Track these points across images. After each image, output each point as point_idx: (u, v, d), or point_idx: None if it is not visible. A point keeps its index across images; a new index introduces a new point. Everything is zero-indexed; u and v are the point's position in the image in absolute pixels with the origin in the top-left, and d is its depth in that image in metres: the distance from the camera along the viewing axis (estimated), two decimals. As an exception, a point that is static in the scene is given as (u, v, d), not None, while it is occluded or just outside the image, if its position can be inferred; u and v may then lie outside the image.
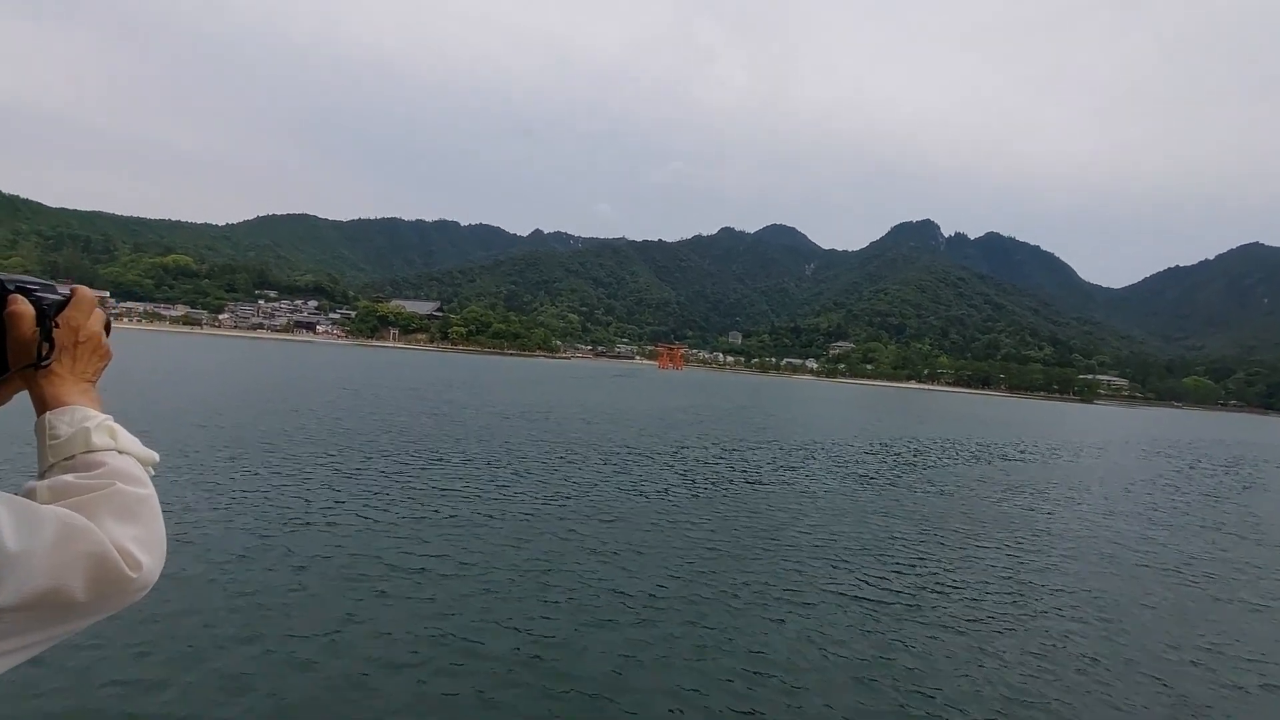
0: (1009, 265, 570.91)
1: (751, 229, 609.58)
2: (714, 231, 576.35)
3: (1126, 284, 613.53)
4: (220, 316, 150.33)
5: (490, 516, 11.24)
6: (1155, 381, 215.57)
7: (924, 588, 9.45)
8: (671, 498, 14.01)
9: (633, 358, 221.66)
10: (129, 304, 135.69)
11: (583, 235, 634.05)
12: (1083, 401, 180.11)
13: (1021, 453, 29.69)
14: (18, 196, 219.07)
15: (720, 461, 19.82)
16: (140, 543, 0.77)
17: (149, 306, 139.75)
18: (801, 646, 7.18)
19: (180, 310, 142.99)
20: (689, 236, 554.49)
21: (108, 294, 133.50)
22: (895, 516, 13.94)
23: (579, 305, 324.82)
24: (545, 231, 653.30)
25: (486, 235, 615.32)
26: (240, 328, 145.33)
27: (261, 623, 6.67)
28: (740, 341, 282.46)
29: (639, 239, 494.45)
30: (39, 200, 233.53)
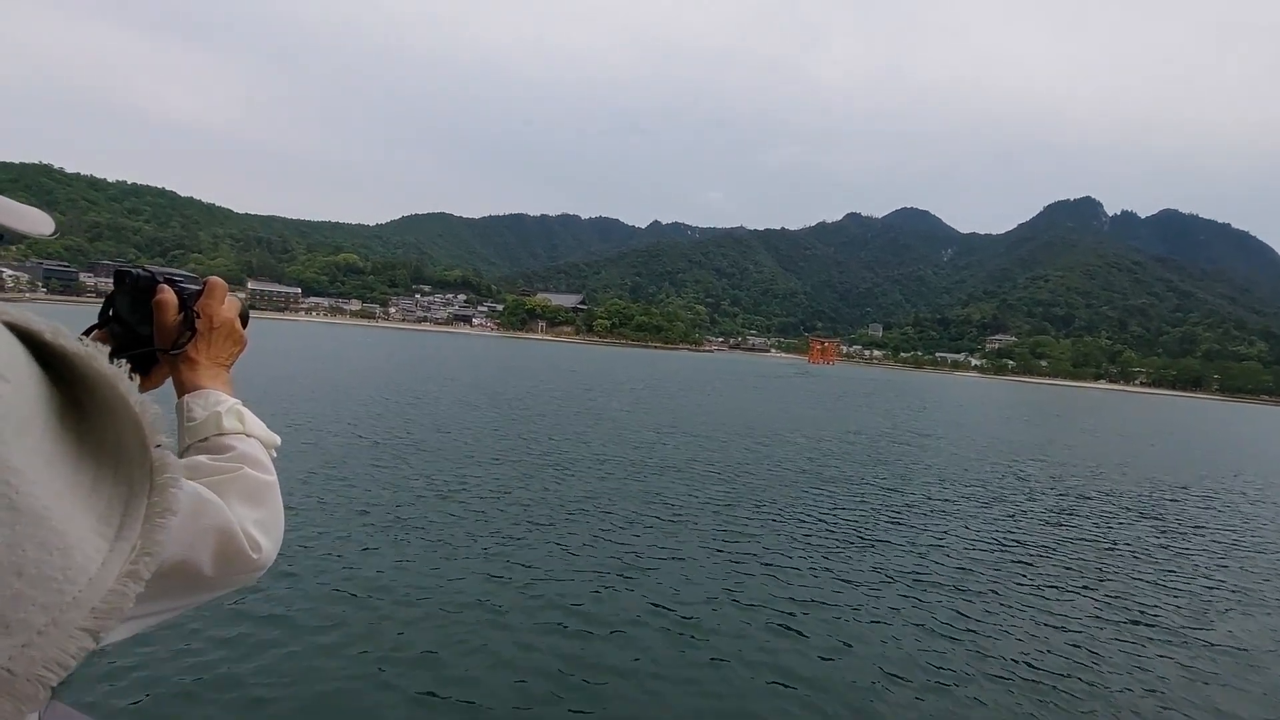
0: (1191, 247, 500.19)
1: (880, 213, 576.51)
2: (839, 218, 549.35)
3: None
4: (389, 310, 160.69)
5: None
6: None
7: None
8: None
9: (768, 350, 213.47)
10: (313, 299, 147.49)
11: (700, 225, 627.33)
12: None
13: None
14: (214, 204, 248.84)
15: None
16: (262, 526, 0.80)
17: (331, 301, 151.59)
18: None
19: (356, 305, 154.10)
20: (812, 224, 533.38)
21: (298, 290, 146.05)
22: None
23: (704, 296, 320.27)
24: (663, 223, 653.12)
25: (606, 228, 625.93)
26: (407, 320, 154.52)
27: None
28: (881, 334, 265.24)
29: (758, 227, 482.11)
30: (228, 207, 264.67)
